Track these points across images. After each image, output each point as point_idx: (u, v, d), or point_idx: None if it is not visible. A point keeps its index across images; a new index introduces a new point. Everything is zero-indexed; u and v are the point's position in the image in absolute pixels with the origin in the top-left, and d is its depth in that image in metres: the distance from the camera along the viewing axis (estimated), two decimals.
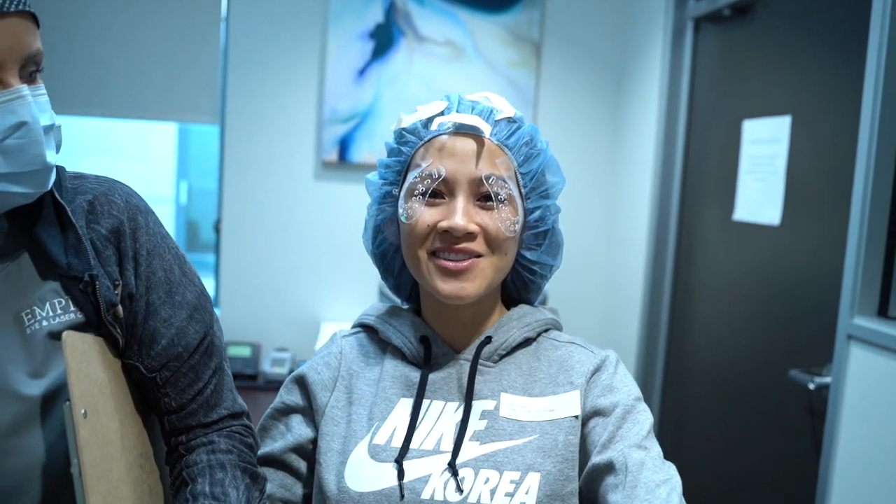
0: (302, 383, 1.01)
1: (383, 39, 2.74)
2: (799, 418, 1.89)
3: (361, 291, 2.82)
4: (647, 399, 2.57)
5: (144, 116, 2.74)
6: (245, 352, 2.68)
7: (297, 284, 2.82)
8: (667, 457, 0.88)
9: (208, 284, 3.31)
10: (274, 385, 2.58)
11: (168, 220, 7.17)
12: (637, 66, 2.76)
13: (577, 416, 0.91)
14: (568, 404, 0.92)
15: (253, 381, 2.62)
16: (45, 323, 0.82)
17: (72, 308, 0.84)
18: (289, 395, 1.01)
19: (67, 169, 0.91)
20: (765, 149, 2.07)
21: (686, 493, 0.85)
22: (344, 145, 2.75)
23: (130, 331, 0.88)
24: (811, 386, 1.76)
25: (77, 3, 2.59)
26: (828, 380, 1.73)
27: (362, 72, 2.74)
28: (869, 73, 1.61)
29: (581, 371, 0.95)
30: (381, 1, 2.72)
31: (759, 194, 2.08)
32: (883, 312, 1.62)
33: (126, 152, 7.19)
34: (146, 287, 0.89)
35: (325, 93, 2.73)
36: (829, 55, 1.87)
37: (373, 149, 2.76)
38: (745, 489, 2.10)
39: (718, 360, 2.28)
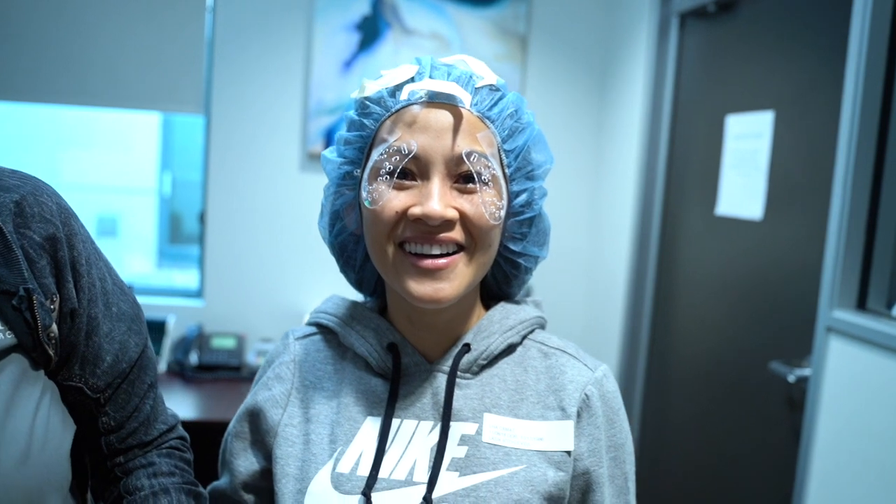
0: (253, 411, 0.89)
1: (370, 31, 2.73)
2: (779, 409, 1.91)
3: (346, 282, 2.82)
4: (630, 392, 2.60)
5: (127, 106, 2.71)
6: (230, 343, 2.67)
7: (282, 275, 2.81)
8: (648, 449, 0.90)
9: (193, 276, 3.25)
10: None
11: (151, 211, 7.11)
12: (622, 61, 2.77)
13: (569, 452, 0.81)
14: (559, 436, 0.81)
15: (237, 373, 2.62)
16: None
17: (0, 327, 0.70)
18: (238, 423, 0.90)
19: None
20: (748, 144, 2.08)
21: (667, 484, 0.86)
22: (330, 137, 2.74)
23: (70, 349, 0.77)
24: (791, 378, 1.78)
25: None
26: (807, 372, 1.75)
27: (348, 63, 2.73)
28: (850, 69, 1.63)
29: (574, 395, 0.83)
30: None
31: (742, 189, 2.10)
32: (861, 305, 1.65)
33: (108, 143, 7.11)
34: (88, 300, 0.77)
35: (312, 84, 2.72)
36: (811, 51, 1.89)
37: None
38: (725, 480, 2.13)
39: (700, 353, 2.30)
